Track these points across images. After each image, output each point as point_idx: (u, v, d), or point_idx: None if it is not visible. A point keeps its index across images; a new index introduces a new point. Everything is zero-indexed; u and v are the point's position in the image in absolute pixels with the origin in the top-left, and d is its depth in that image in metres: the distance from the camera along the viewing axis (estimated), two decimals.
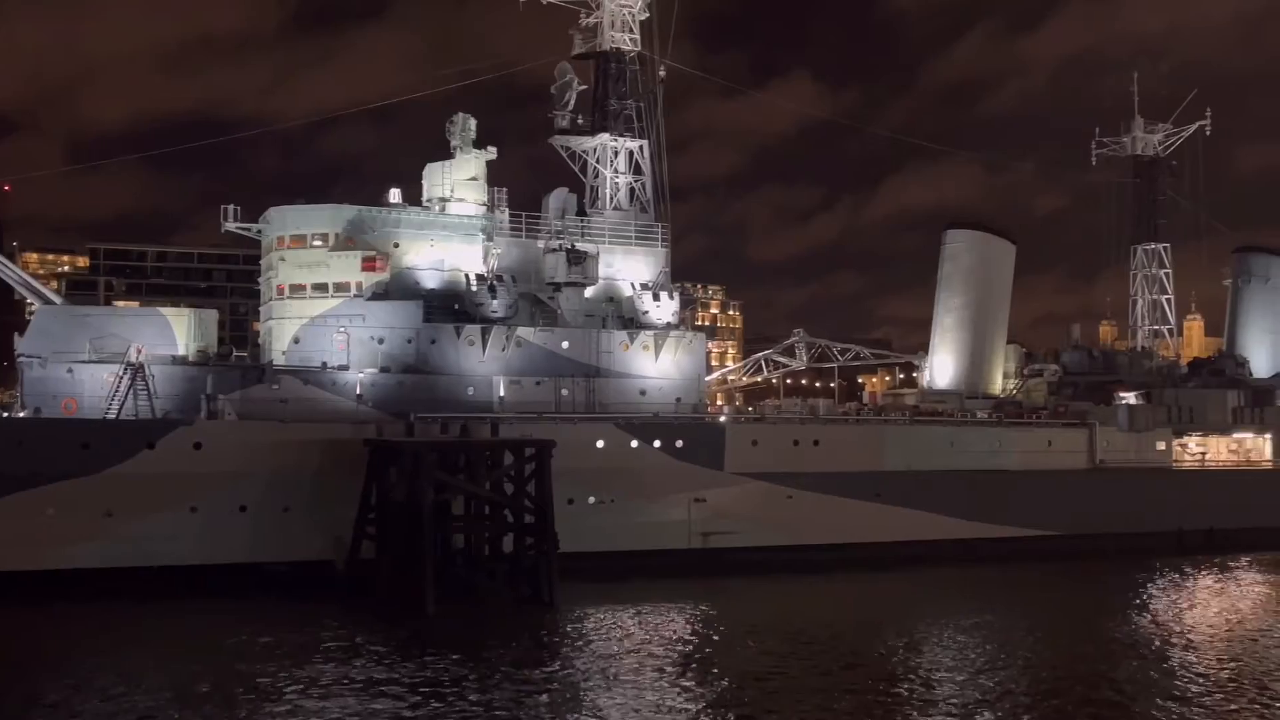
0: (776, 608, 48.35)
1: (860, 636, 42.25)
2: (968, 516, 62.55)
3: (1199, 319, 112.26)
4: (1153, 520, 66.99)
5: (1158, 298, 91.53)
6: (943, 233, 78.54)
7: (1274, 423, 75.15)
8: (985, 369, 76.48)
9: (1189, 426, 73.22)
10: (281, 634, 40.79)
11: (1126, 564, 60.40)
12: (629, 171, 64.68)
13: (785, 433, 60.46)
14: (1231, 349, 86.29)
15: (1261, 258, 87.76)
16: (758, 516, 57.76)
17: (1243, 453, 76.23)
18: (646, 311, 60.44)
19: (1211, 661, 38.43)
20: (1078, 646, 41.01)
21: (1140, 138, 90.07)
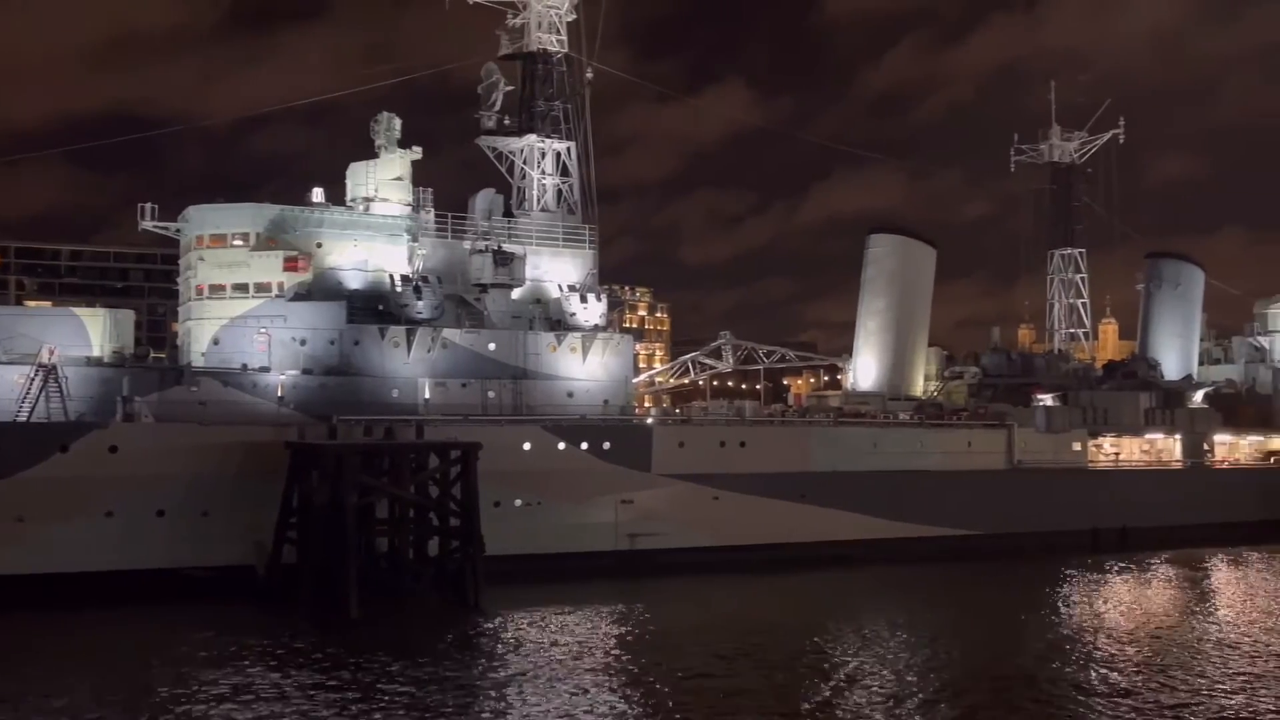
0: (704, 609, 48.62)
1: (788, 636, 42.60)
2: (891, 516, 63.55)
3: (1113, 322, 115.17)
4: (1069, 519, 68.69)
5: (1074, 302, 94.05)
6: (866, 237, 79.79)
7: (1184, 424, 77.48)
8: (907, 371, 77.83)
9: (1103, 427, 75.18)
10: (202, 641, 40.03)
11: (1044, 562, 61.83)
12: (557, 173, 64.64)
13: (712, 434, 60.84)
14: (1144, 352, 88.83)
15: (1172, 263, 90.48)
16: (684, 518, 58.05)
17: (1154, 453, 78.48)
18: (574, 313, 60.41)
19: (1127, 657, 39.50)
20: (998, 644, 41.90)
21: (1057, 145, 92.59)
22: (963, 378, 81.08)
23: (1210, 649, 40.59)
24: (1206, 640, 42.07)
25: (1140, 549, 67.29)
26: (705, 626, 44.38)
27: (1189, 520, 71.92)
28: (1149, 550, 66.83)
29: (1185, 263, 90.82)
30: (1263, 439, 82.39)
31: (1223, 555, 66.34)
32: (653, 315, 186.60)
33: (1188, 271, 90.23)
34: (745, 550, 58.63)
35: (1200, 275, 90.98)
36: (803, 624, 44.75)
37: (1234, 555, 66.50)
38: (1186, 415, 78.14)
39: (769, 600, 51.47)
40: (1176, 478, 75.93)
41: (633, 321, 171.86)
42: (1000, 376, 80.00)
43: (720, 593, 52.44)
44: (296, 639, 40.76)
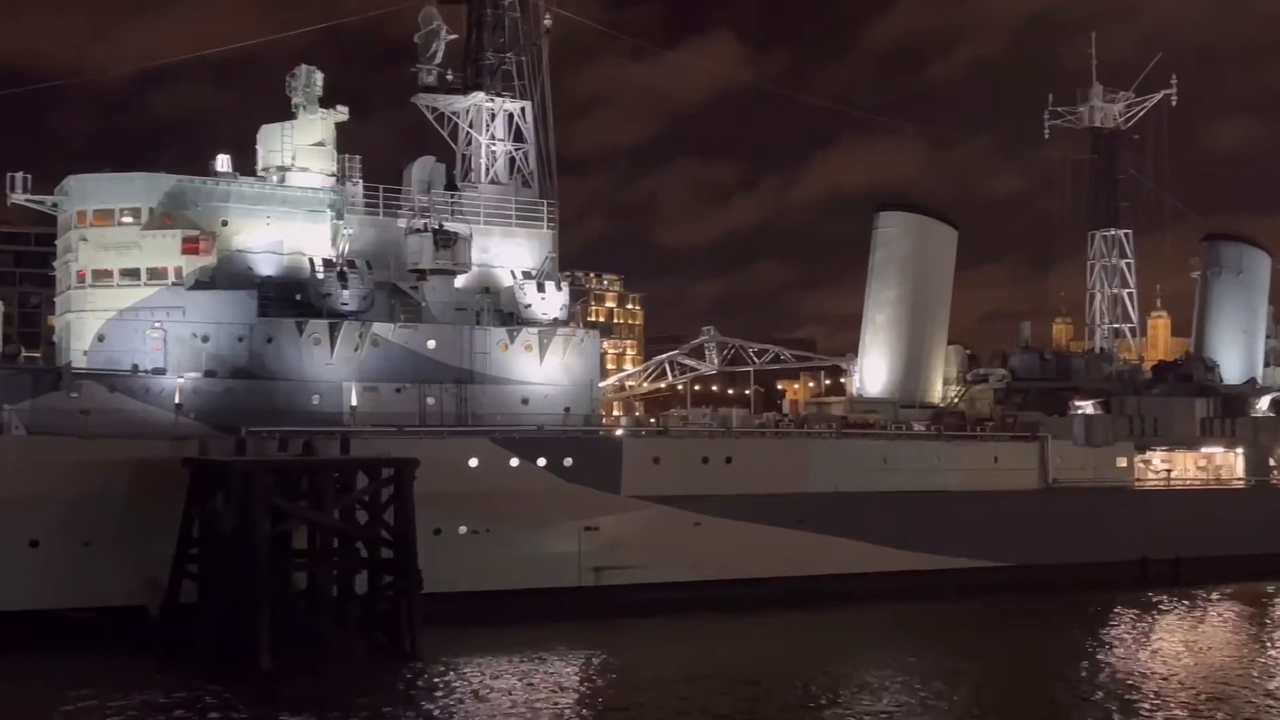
0: (682, 654, 48.61)
1: (781, 686, 42.68)
2: (904, 545, 63.80)
3: (1165, 316, 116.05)
4: (1113, 548, 69.22)
5: (1118, 292, 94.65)
6: (874, 215, 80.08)
7: (1246, 436, 78.26)
8: (923, 374, 78.16)
9: (1153, 440, 75.88)
10: (83, 695, 39.64)
11: (1084, 599, 62.21)
12: (509, 138, 64.66)
13: (693, 448, 60.88)
14: (1200, 351, 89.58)
15: (1233, 247, 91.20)
16: (660, 547, 58.03)
17: (1212, 470, 79.29)
18: (529, 305, 60.32)
19: (1180, 713, 39.81)
20: (1028, 698, 42.16)
21: (1099, 107, 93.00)
22: (988, 381, 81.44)
23: (1272, 699, 40.94)
24: (1267, 688, 42.43)
25: (1197, 583, 67.93)
26: (685, 676, 44.32)
27: (1253, 549, 72.61)
28: (1207, 584, 67.49)
29: (1249, 246, 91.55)
30: None
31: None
32: (623, 307, 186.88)
33: (1251, 256, 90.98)
34: (732, 586, 58.71)
35: (1266, 261, 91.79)
36: (800, 673, 44.83)
37: None
38: (1250, 425, 78.99)
39: (760, 645, 51.55)
40: (1239, 499, 76.72)
41: (600, 315, 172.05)
42: (1032, 380, 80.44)
43: (703, 636, 52.48)
44: (196, 694, 40.42)
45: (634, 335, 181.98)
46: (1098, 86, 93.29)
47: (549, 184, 64.43)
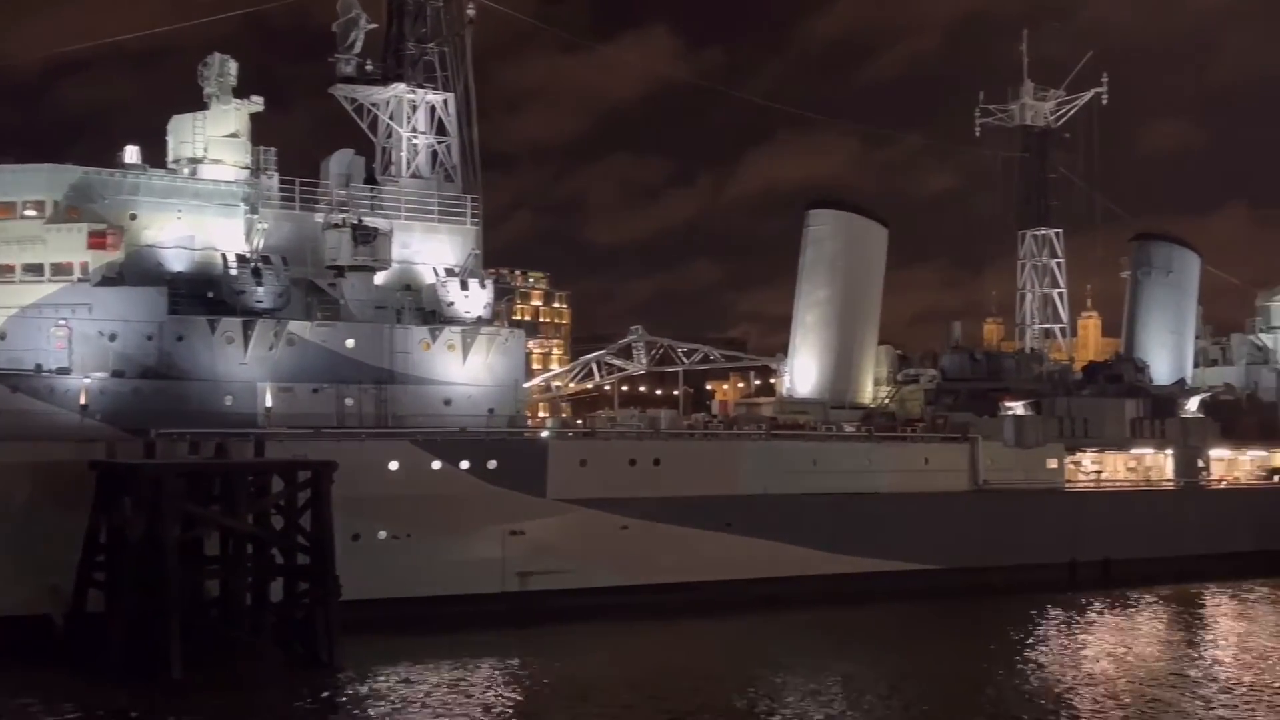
0: (610, 661, 48.74)
1: (710, 692, 42.87)
2: (834, 548, 64.28)
3: (1095, 316, 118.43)
4: (1043, 550, 70.23)
5: (1049, 291, 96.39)
6: (804, 214, 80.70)
7: (1176, 437, 79.81)
8: (853, 374, 78.93)
9: (1083, 441, 77.12)
10: None
11: (1013, 602, 63.10)
12: (431, 131, 64.40)
13: (620, 450, 60.95)
14: (1130, 351, 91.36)
15: (1163, 247, 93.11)
16: (587, 552, 57.99)
17: (1142, 471, 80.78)
18: (452, 303, 60.09)
19: (1112, 715, 40.58)
20: (959, 700, 42.72)
21: (1030, 105, 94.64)
22: (919, 382, 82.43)
23: (1205, 702, 41.87)
24: (1200, 693, 43.39)
25: (1126, 584, 69.14)
26: (613, 684, 44.41)
27: (1182, 550, 74.03)
28: (1136, 586, 68.69)
29: (1178, 246, 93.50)
30: (1266, 454, 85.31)
31: (1221, 591, 68.54)
32: (550, 306, 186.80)
33: (1181, 256, 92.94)
34: (661, 590, 58.76)
35: (1196, 261, 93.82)
36: (730, 679, 45.11)
37: (1235, 591, 68.73)
38: (1179, 426, 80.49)
39: (689, 650, 51.75)
40: (1168, 500, 78.23)
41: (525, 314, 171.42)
42: (963, 380, 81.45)
43: (631, 642, 52.61)
44: (104, 707, 39.82)
45: (560, 334, 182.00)
46: (1029, 84, 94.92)
47: (472, 179, 64.23)
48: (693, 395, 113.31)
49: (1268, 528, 79.03)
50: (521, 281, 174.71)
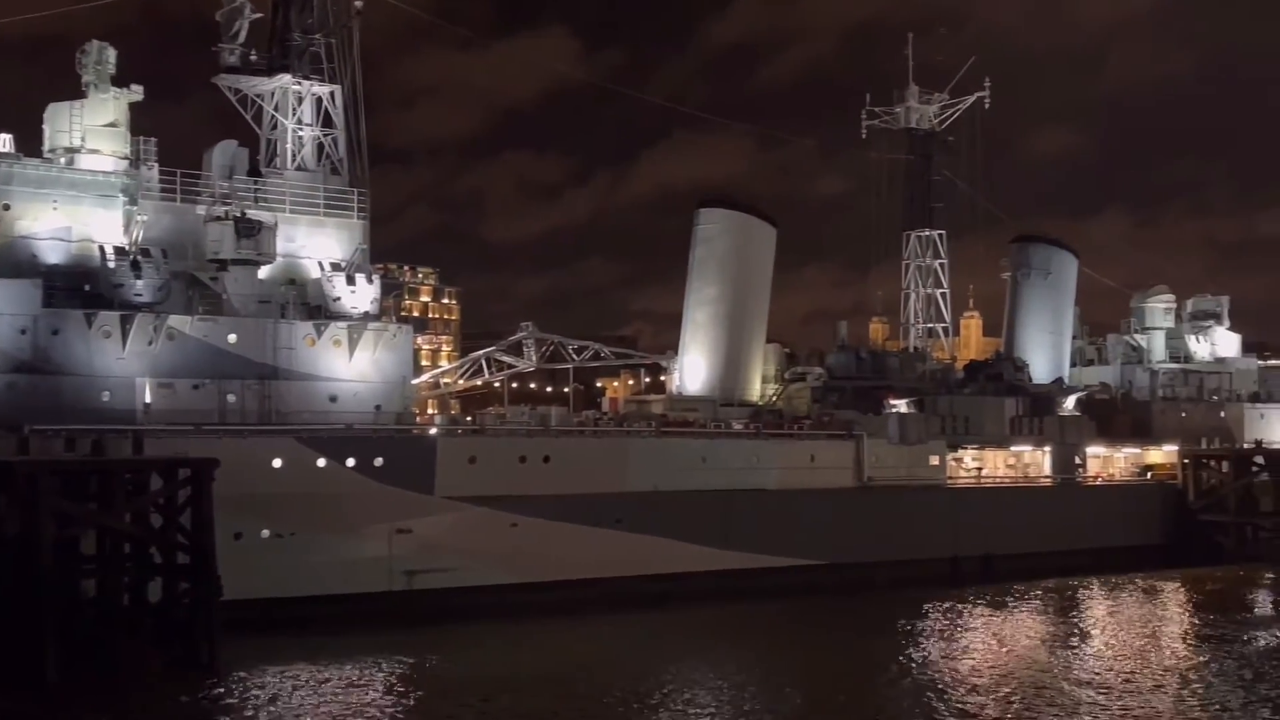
0: (499, 660, 48.54)
1: (600, 691, 42.98)
2: (722, 545, 64.79)
3: (976, 316, 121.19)
4: (926, 546, 71.55)
5: (932, 292, 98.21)
6: (695, 213, 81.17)
7: (1053, 434, 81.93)
8: (742, 372, 79.59)
9: (964, 438, 78.77)
10: None
11: (897, 597, 64.19)
12: (317, 123, 63.64)
13: (510, 447, 60.82)
14: (1010, 351, 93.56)
15: (1041, 249, 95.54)
16: (475, 550, 57.75)
17: (1021, 468, 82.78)
18: (338, 298, 59.49)
19: (988, 705, 41.50)
20: (845, 695, 43.42)
21: (914, 108, 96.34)
22: (806, 380, 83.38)
23: (1081, 693, 43.05)
24: (1076, 683, 44.62)
25: (1006, 579, 70.62)
26: (501, 684, 44.30)
27: (1060, 546, 75.90)
28: (1015, 580, 70.21)
29: (1056, 248, 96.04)
30: (1139, 451, 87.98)
31: (1097, 585, 70.47)
32: (439, 302, 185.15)
33: (1059, 258, 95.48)
34: (550, 588, 58.76)
35: (1073, 263, 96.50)
36: (620, 677, 45.21)
37: (1109, 584, 70.73)
38: (1057, 424, 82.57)
39: (579, 649, 51.68)
40: (1046, 497, 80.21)
41: (414, 309, 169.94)
42: (848, 379, 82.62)
43: (520, 641, 52.40)
44: None
45: (450, 331, 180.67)
46: (914, 88, 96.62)
47: (360, 172, 63.60)
48: (583, 392, 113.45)
49: (1140, 523, 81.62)
50: (410, 277, 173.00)
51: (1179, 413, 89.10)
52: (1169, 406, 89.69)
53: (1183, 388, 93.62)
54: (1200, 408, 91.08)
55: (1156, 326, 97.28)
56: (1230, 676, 45.65)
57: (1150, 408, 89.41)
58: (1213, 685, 44.32)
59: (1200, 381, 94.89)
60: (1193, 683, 44.73)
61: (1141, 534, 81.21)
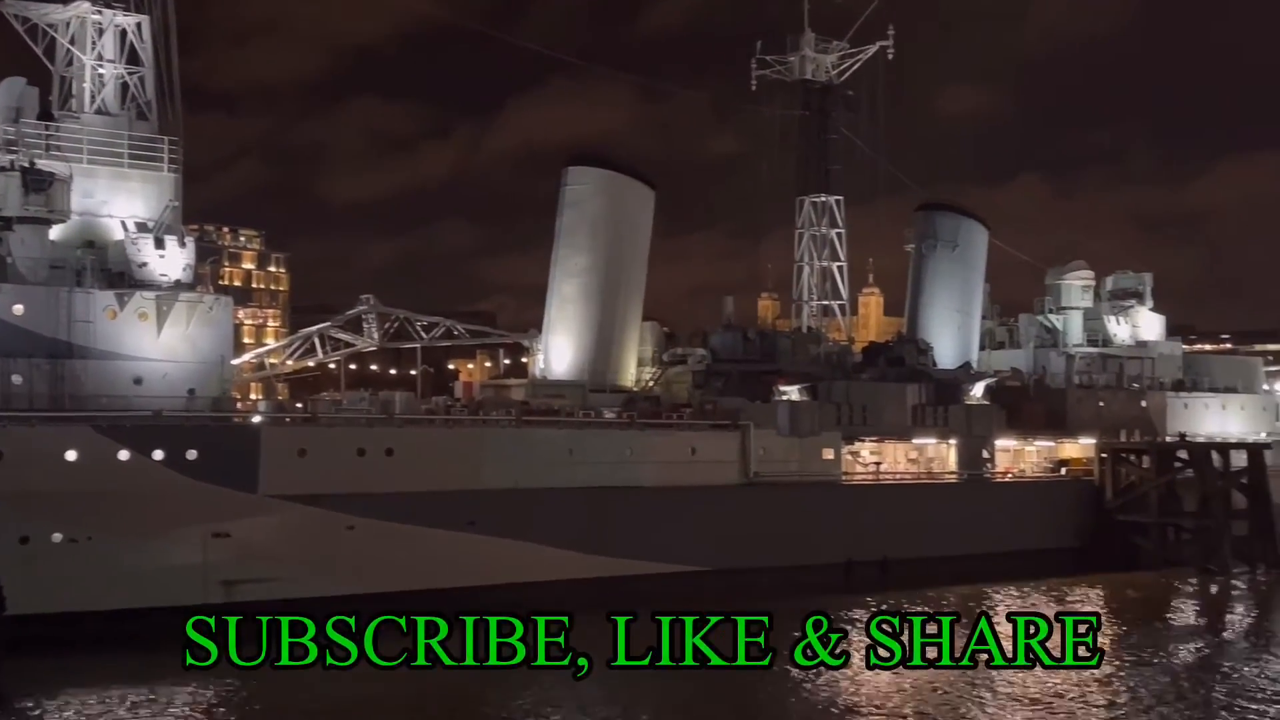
0: (329, 681, 47.89)
1: (446, 712, 42.67)
2: (592, 549, 64.89)
3: (877, 293, 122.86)
4: (818, 549, 72.36)
5: (828, 265, 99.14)
6: (563, 171, 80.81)
7: (960, 425, 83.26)
8: (615, 353, 79.65)
9: (862, 429, 79.72)
10: None
11: (784, 605, 64.45)
12: (121, 60, 62.23)
13: (347, 438, 60.16)
14: (913, 331, 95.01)
15: (949, 218, 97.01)
16: (306, 556, 57.18)
17: (924, 462, 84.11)
18: (144, 264, 58.61)
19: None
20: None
21: (811, 58, 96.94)
22: (686, 363, 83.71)
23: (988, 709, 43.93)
24: (979, 703, 45.50)
25: (903, 585, 71.72)
26: (332, 707, 43.87)
27: (964, 549, 77.33)
28: (913, 587, 71.32)
29: (965, 218, 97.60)
30: (1053, 445, 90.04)
31: (1001, 593, 71.89)
32: (264, 270, 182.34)
33: (968, 229, 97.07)
34: (393, 599, 58.20)
35: (984, 235, 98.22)
36: (470, 694, 44.96)
37: (1017, 592, 72.21)
38: (963, 414, 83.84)
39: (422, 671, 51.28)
40: (949, 495, 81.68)
41: (235, 278, 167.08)
42: (734, 361, 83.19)
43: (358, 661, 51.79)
44: None
45: (277, 304, 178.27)
46: (809, 35, 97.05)
47: (171, 118, 62.39)
48: (433, 376, 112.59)
49: (1053, 524, 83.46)
50: (230, 241, 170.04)
51: (1096, 402, 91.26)
52: (1086, 395, 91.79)
53: (1101, 374, 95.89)
54: (1120, 396, 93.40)
55: (1073, 306, 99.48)
56: (1142, 697, 46.84)
57: (1065, 396, 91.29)
58: (1119, 705, 45.50)
59: (1120, 367, 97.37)
60: (1097, 703, 45.83)
61: (1054, 536, 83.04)
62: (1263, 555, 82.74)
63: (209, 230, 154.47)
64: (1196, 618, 68.20)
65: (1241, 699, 46.18)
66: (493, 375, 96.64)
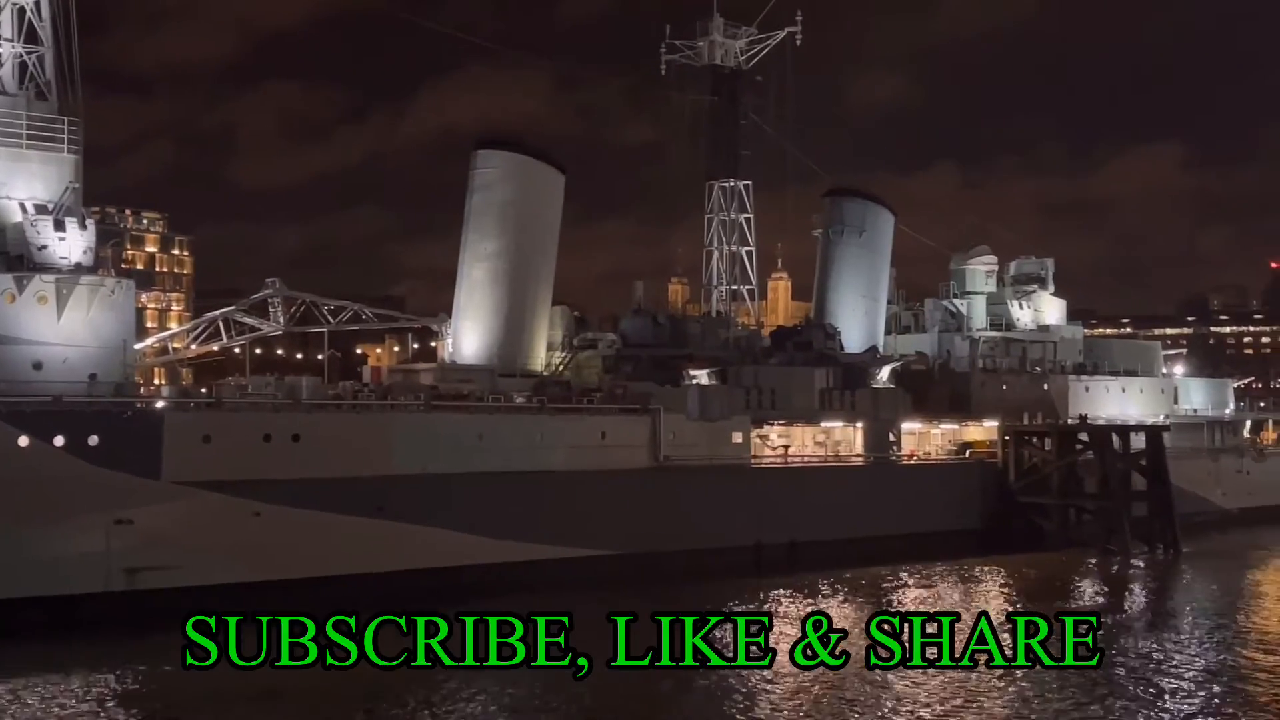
0: (239, 673, 47.19)
1: (357, 701, 42.46)
2: (502, 535, 64.75)
3: (785, 278, 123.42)
4: (728, 533, 72.87)
5: (737, 249, 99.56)
6: (472, 154, 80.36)
7: (866, 409, 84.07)
8: (525, 338, 79.54)
9: (770, 413, 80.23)
10: None
11: (694, 590, 64.80)
12: (18, 39, 61.25)
13: (253, 424, 59.49)
14: (821, 316, 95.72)
15: (856, 204, 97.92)
16: (211, 544, 56.61)
17: (831, 446, 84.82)
18: (44, 246, 57.89)
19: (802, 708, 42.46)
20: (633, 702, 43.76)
21: (720, 43, 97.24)
22: (596, 348, 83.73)
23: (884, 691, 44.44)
24: (878, 685, 46.00)
25: (812, 568, 72.30)
26: (242, 696, 43.35)
27: (871, 531, 78.34)
28: (821, 570, 71.90)
29: (872, 204, 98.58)
30: (958, 427, 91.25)
31: (906, 574, 72.68)
32: (168, 253, 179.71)
33: (874, 215, 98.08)
34: (301, 586, 57.76)
35: (890, 220, 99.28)
36: (381, 685, 44.65)
37: (923, 574, 73.06)
38: (870, 398, 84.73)
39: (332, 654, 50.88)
40: (856, 478, 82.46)
41: (138, 261, 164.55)
42: (644, 346, 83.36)
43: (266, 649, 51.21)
44: None
45: (182, 287, 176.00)
46: (718, 20, 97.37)
47: (71, 98, 61.35)
48: (340, 361, 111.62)
49: (958, 506, 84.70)
50: (134, 223, 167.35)
51: (1000, 385, 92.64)
52: (989, 378, 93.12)
53: (1004, 358, 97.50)
54: (1022, 380, 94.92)
55: (977, 291, 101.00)
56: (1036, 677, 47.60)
57: (969, 379, 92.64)
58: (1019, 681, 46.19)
59: (1023, 351, 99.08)
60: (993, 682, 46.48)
61: (959, 518, 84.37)
62: (1161, 536, 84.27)
63: (111, 213, 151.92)
64: (1093, 598, 69.23)
65: (1136, 679, 46.96)
66: (401, 360, 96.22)
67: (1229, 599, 66.99)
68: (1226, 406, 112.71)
